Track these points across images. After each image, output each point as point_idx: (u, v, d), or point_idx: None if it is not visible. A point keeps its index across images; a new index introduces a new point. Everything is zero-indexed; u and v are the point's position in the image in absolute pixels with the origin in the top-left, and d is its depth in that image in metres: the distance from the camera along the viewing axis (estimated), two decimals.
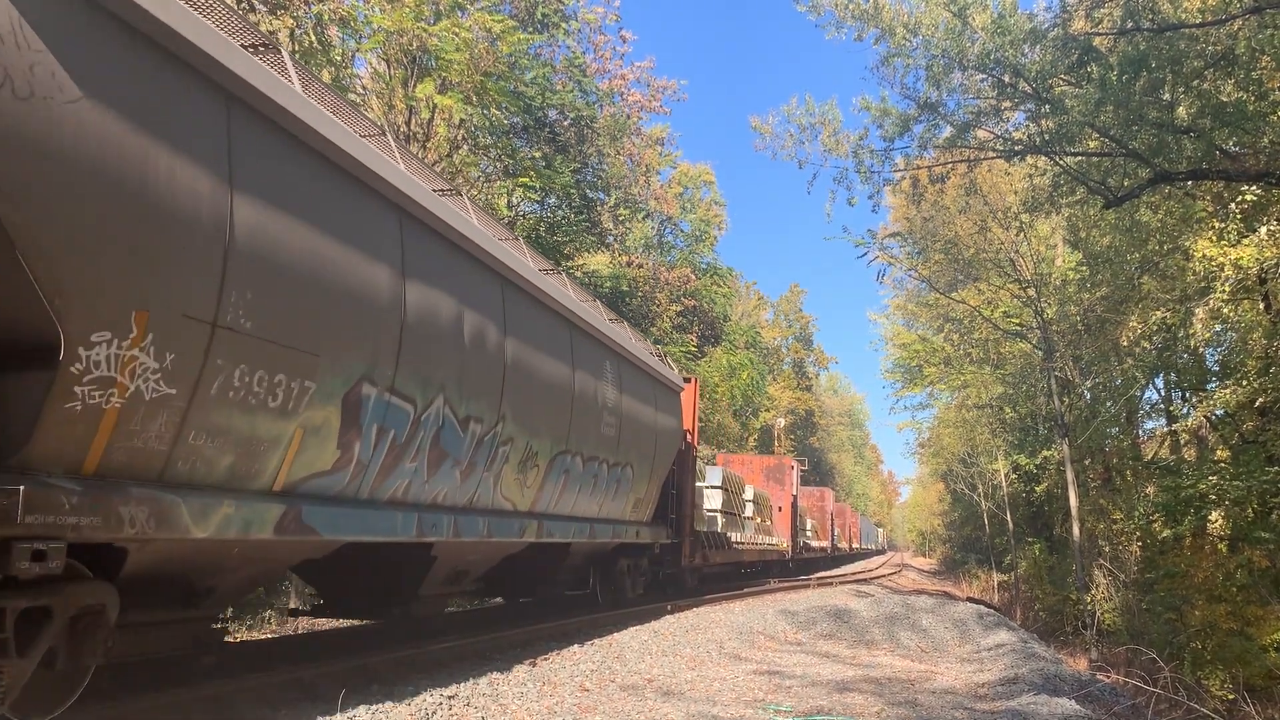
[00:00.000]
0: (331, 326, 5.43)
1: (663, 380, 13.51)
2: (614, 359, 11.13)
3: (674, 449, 13.97)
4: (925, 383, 31.34)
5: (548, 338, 8.94)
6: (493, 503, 8.11)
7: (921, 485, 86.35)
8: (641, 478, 12.39)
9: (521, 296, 8.37)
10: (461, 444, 7.26)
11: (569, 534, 9.91)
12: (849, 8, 13.56)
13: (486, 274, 7.66)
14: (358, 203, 5.85)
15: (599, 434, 10.38)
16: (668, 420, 13.49)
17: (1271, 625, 15.62)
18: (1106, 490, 25.09)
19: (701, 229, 40.01)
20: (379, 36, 15.97)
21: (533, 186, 20.00)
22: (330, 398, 5.50)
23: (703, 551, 16.82)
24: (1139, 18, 11.63)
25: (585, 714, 6.19)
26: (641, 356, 12.32)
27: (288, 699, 5.89)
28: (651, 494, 13.16)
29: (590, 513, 10.67)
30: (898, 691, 7.95)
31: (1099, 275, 20.16)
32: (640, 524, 12.81)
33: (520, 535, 8.62)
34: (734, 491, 22.37)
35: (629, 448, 11.55)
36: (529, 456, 8.60)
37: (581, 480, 10.10)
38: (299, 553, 6.20)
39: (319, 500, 5.64)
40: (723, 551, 18.97)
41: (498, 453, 7.91)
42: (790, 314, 76.79)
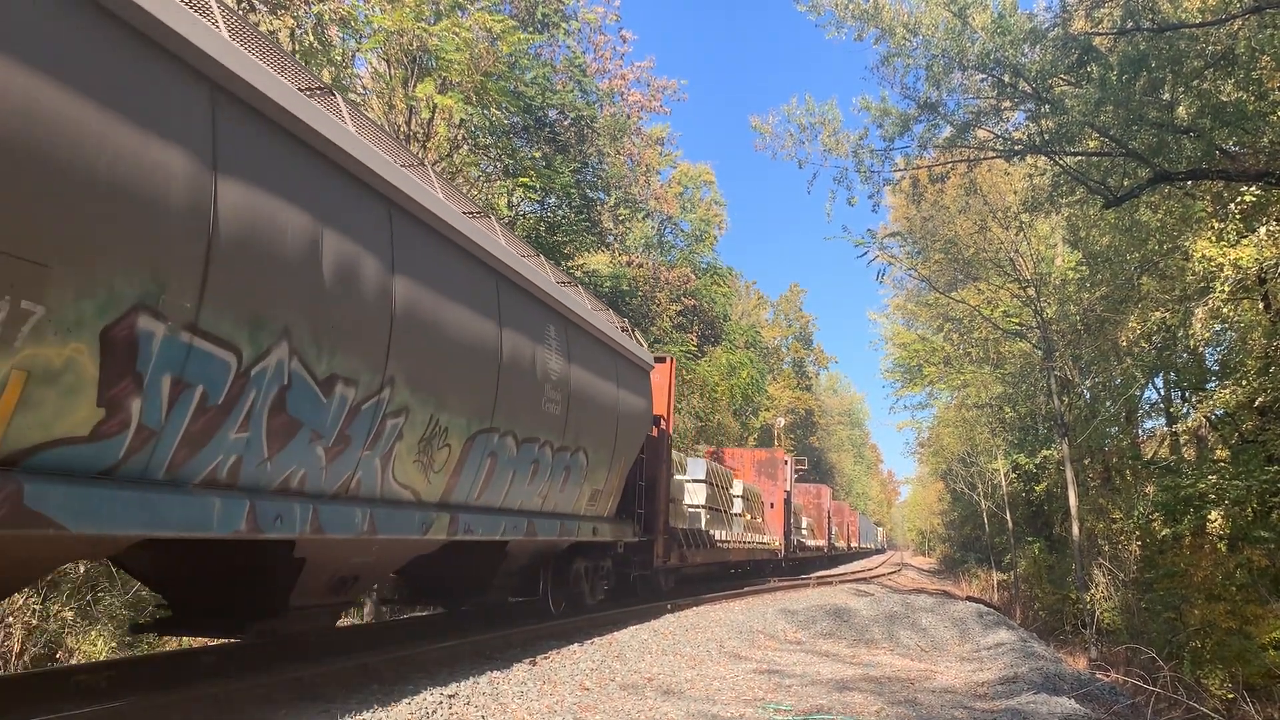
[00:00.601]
0: (75, 223, 3.80)
1: (628, 356, 11.93)
2: (560, 324, 9.49)
3: (642, 435, 12.51)
4: (925, 382, 31.33)
5: (464, 288, 7.27)
6: (382, 490, 6.45)
7: (921, 485, 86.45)
8: (599, 466, 10.77)
9: (419, 230, 6.65)
10: (323, 411, 5.55)
11: (498, 530, 8.30)
12: (849, 8, 13.57)
13: (363, 193, 6.00)
14: (132, 52, 4.17)
15: (539, 412, 8.79)
16: (634, 402, 11.89)
17: (1271, 624, 15.63)
18: (1106, 490, 25.11)
19: (701, 229, 40.02)
20: (379, 36, 15.98)
21: (533, 186, 20.00)
22: (76, 330, 3.88)
23: (680, 551, 15.54)
24: (1139, 18, 11.64)
25: (585, 713, 6.19)
26: (599, 326, 10.70)
27: (288, 699, 5.89)
28: (613, 485, 11.59)
29: (531, 506, 9.10)
30: (897, 690, 7.96)
31: (1099, 275, 20.17)
32: (600, 520, 11.23)
33: (424, 532, 6.95)
34: (720, 486, 20.87)
35: (582, 430, 9.93)
36: (436, 434, 6.94)
37: (516, 466, 8.47)
38: (39, 551, 4.47)
39: (62, 478, 3.98)
40: (705, 550, 17.72)
41: (385, 426, 6.23)
42: (790, 314, 76.79)
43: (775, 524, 28.37)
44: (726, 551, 19.93)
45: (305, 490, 5.63)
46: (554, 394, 9.13)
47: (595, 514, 11.13)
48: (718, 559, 19.30)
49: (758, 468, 29.74)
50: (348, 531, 5.97)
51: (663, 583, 15.94)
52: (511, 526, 8.56)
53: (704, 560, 17.84)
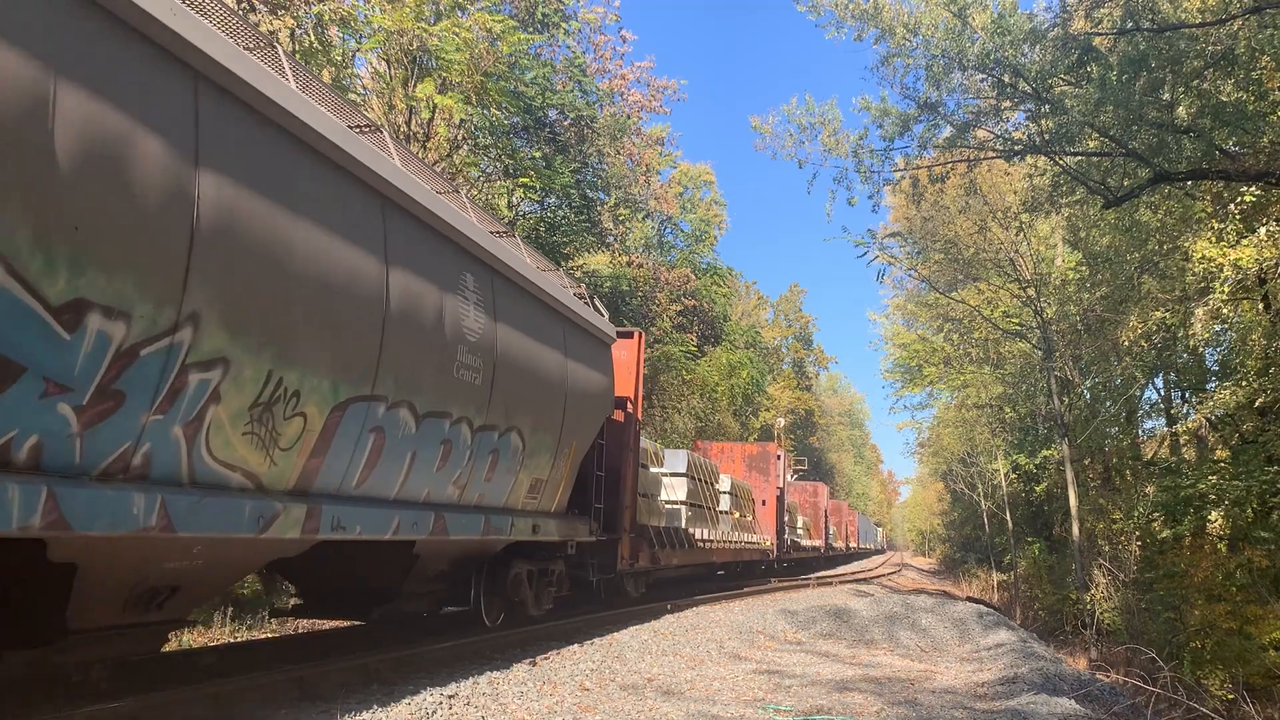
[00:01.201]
0: None
1: (581, 324, 10.14)
2: (484, 274, 7.68)
3: (600, 417, 10.75)
4: (925, 382, 31.33)
5: (328, 206, 5.54)
6: (189, 471, 4.74)
7: (921, 485, 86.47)
8: (541, 451, 9.02)
9: (250, 120, 4.95)
10: (63, 352, 3.90)
11: (388, 528, 6.38)
12: (849, 8, 13.57)
13: (128, 35, 4.20)
14: None
15: (451, 379, 7.00)
16: (589, 378, 10.15)
17: (1271, 625, 15.62)
18: (1106, 490, 25.10)
19: (701, 229, 40.05)
20: (379, 36, 15.98)
21: (533, 186, 20.01)
22: None
23: (651, 551, 13.98)
24: (1139, 18, 11.64)
25: (585, 713, 6.19)
26: (542, 284, 9.00)
27: (288, 699, 5.89)
28: (562, 475, 9.79)
29: (442, 497, 7.34)
30: (897, 691, 7.95)
31: (1099, 275, 20.17)
32: (544, 515, 9.50)
33: (263, 528, 5.16)
34: (705, 481, 19.13)
35: (515, 406, 8.22)
36: (279, 398, 5.22)
37: (416, 447, 6.70)
38: None
39: None
40: (684, 551, 16.15)
41: (186, 382, 4.55)
42: (790, 314, 76.81)
43: (767, 523, 26.82)
44: (709, 552, 18.37)
45: (42, 466, 3.94)
46: (472, 359, 7.30)
47: (538, 508, 9.37)
48: (698, 560, 17.60)
49: (748, 463, 28.03)
50: (124, 526, 4.24)
51: (631, 588, 14.27)
52: (411, 523, 6.70)
53: (682, 561, 16.20)
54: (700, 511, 18.38)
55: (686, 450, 18.05)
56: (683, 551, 16.07)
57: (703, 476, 18.98)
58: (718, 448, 28.51)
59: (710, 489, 19.82)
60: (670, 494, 16.83)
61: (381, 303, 6.02)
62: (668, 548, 15.02)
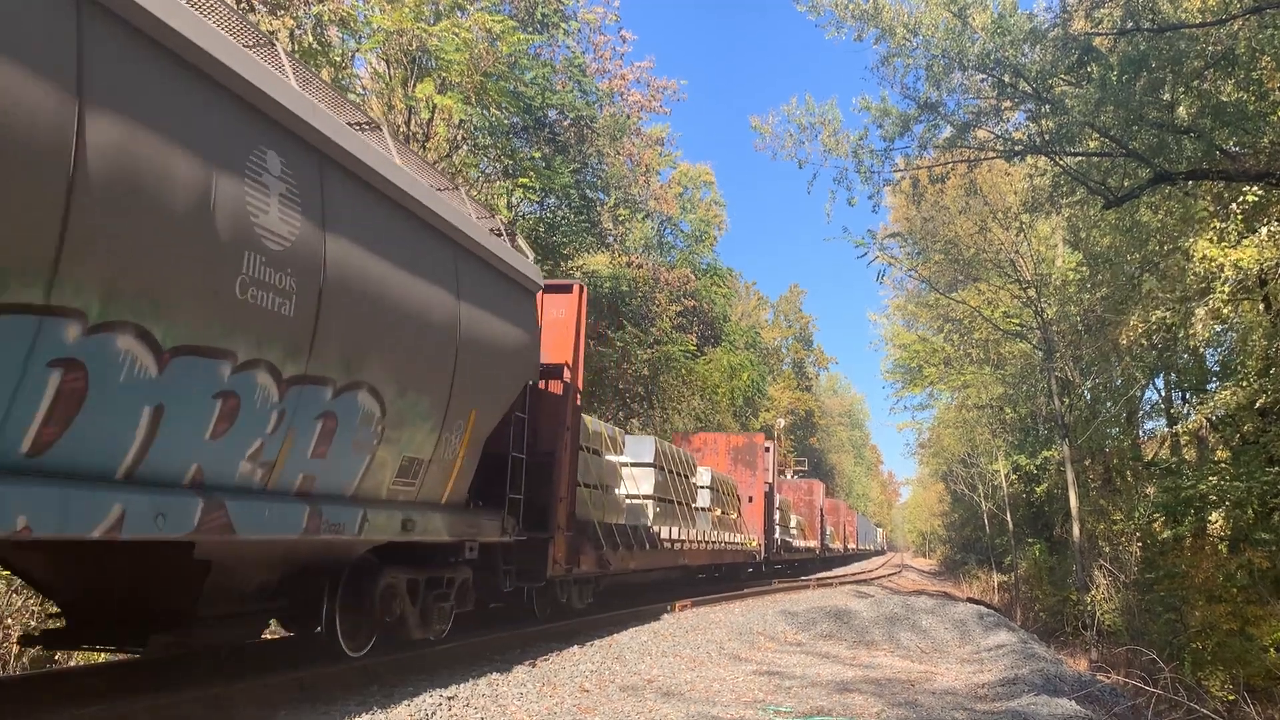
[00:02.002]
0: None
1: (485, 257, 7.82)
2: (302, 157, 5.41)
3: (516, 382, 8.56)
4: (925, 383, 31.35)
5: None
6: None
7: (921, 486, 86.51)
8: (416, 421, 6.75)
9: None
10: None
11: (95, 521, 4.12)
12: (849, 8, 13.56)
13: None
14: None
15: (231, 300, 4.77)
16: (499, 330, 7.91)
17: (1271, 625, 15.62)
18: (1107, 491, 25.11)
19: (701, 229, 40.06)
20: (379, 36, 15.98)
21: (532, 187, 20.00)
22: None
23: (599, 553, 11.66)
24: (1139, 18, 11.64)
25: (585, 714, 6.18)
26: (416, 193, 6.63)
27: (288, 699, 5.88)
28: (454, 454, 7.46)
29: (228, 477, 5.09)
30: (898, 692, 7.94)
31: (1099, 275, 20.17)
32: (423, 508, 7.19)
33: None
34: (678, 473, 16.85)
35: (364, 355, 5.98)
36: None
37: (162, 398, 4.47)
38: None
39: None
40: (646, 552, 13.83)
41: None
42: (790, 314, 76.83)
43: (754, 521, 24.52)
44: (679, 553, 15.87)
45: None
46: (275, 276, 5.07)
47: (416, 498, 7.11)
48: (665, 563, 15.23)
49: (734, 455, 25.42)
50: None
51: (574, 598, 11.66)
52: (154, 515, 4.45)
53: (644, 565, 13.93)
54: (671, 508, 16.14)
55: (654, 437, 15.60)
56: (645, 553, 13.81)
57: (675, 468, 16.78)
58: (700, 439, 26.06)
59: (685, 482, 17.57)
60: (633, 486, 14.58)
61: (69, 151, 3.76)
62: (623, 548, 12.69)
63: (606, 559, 11.91)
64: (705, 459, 23.99)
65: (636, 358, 27.63)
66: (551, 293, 10.50)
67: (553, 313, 10.42)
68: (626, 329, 26.93)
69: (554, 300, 10.54)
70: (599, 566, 11.71)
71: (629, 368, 28.04)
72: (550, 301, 10.40)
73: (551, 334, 10.29)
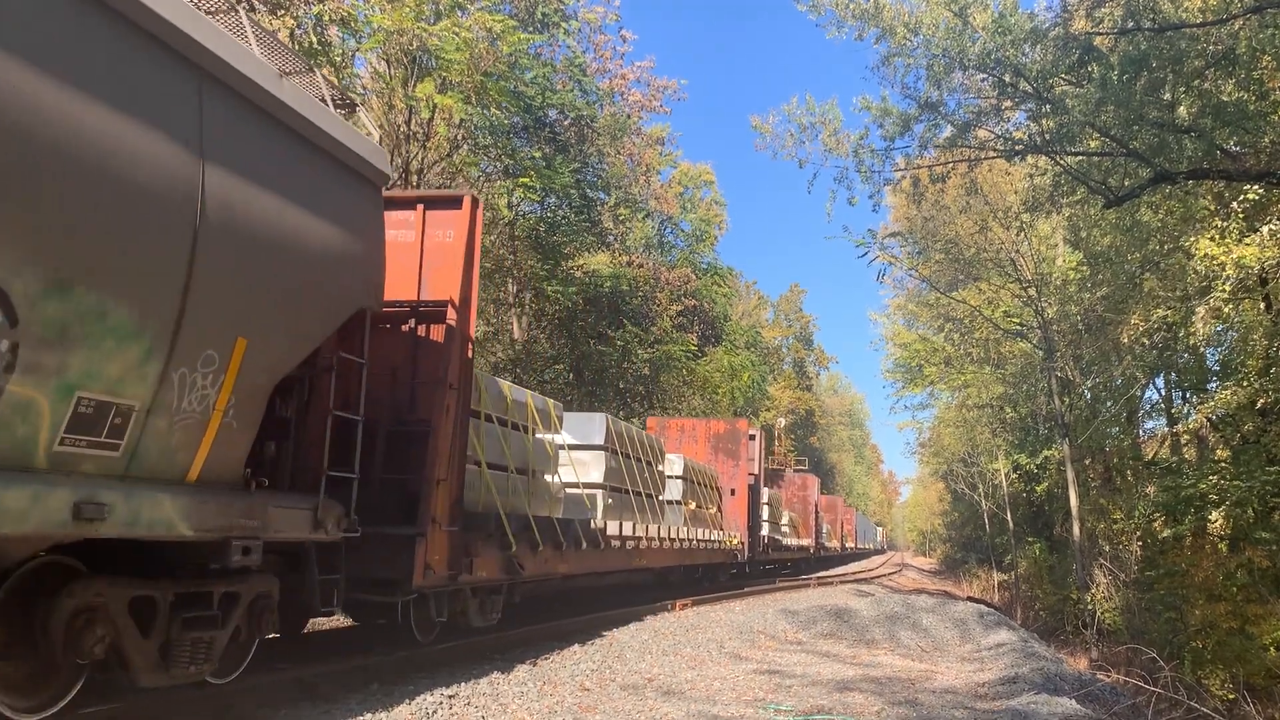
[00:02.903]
0: None
1: (287, 121, 5.53)
2: None
3: (338, 307, 6.08)
4: (925, 382, 31.31)
5: None
6: None
7: (921, 485, 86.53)
8: (108, 337, 4.30)
9: None
10: None
11: None
12: (849, 7, 13.56)
13: None
14: None
15: None
16: (300, 224, 5.52)
17: (1272, 624, 15.62)
18: (1107, 490, 25.10)
19: (702, 229, 40.05)
20: (379, 36, 15.98)
21: (533, 186, 20.01)
22: None
23: (505, 555, 8.79)
24: (1139, 17, 11.63)
25: (585, 713, 6.19)
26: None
27: (288, 699, 5.89)
28: (204, 404, 4.98)
29: None
30: (898, 691, 7.94)
31: (1099, 275, 20.17)
32: (152, 485, 4.74)
33: None
34: (639, 459, 14.24)
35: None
36: None
37: None
38: None
39: None
40: (585, 552, 10.99)
41: None
42: (790, 314, 76.83)
43: (736, 516, 22.15)
44: (636, 553, 13.22)
45: None
46: None
47: (123, 469, 4.58)
48: (613, 564, 12.53)
49: (714, 443, 22.78)
50: None
51: (472, 613, 8.58)
52: None
53: (580, 568, 11.07)
54: (626, 499, 13.34)
55: (606, 415, 13.10)
56: (585, 554, 10.97)
57: (636, 453, 14.10)
58: (676, 425, 23.52)
59: (649, 470, 14.83)
60: (579, 473, 11.98)
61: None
62: (549, 548, 9.81)
63: (518, 562, 8.92)
64: (683, 447, 21.79)
65: (637, 357, 27.64)
66: (435, 208, 7.99)
67: (436, 234, 7.91)
68: (627, 328, 26.94)
69: (437, 219, 7.94)
70: (505, 572, 8.77)
71: (629, 367, 28.06)
72: (433, 220, 7.94)
73: (436, 260, 7.83)
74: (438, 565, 7.38)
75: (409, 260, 7.85)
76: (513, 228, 23.26)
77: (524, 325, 26.00)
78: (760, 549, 24.59)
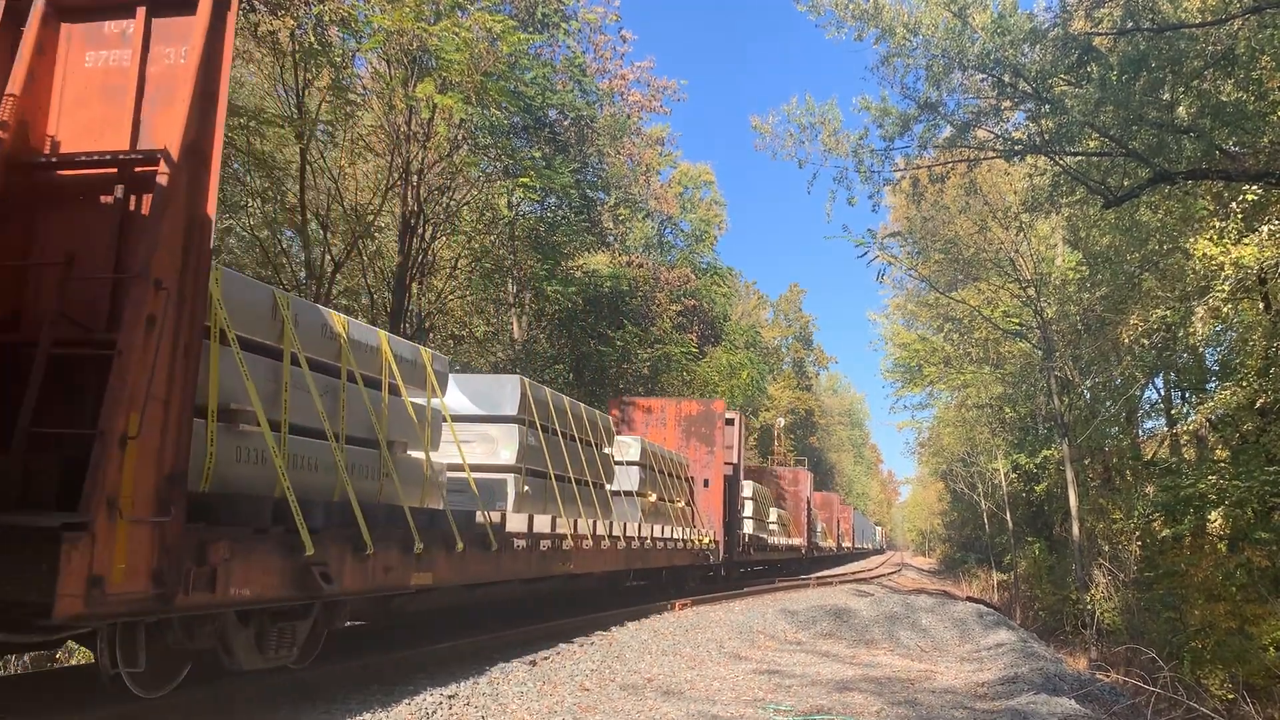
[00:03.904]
0: None
1: None
2: None
3: None
4: (925, 382, 31.33)
5: None
6: None
7: (921, 485, 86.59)
8: None
9: None
10: None
11: None
12: (849, 8, 13.57)
13: None
14: None
15: None
16: None
17: (1271, 624, 15.63)
18: (1106, 490, 25.13)
19: (701, 229, 40.08)
20: (379, 36, 15.98)
21: (533, 186, 20.01)
22: None
23: (296, 565, 5.52)
24: (1139, 18, 11.64)
25: (585, 713, 6.19)
26: None
27: (288, 699, 5.89)
28: None
29: None
30: (898, 691, 7.95)
31: (1099, 275, 20.19)
32: None
33: None
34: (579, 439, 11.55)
35: None
36: None
37: None
38: None
39: None
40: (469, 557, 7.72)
41: None
42: (790, 314, 76.86)
43: (710, 511, 19.36)
44: (558, 555, 9.85)
45: None
46: None
47: None
48: (515, 572, 8.93)
49: (685, 427, 19.90)
50: None
51: (248, 651, 5.57)
52: None
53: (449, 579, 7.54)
54: (553, 487, 10.26)
55: (521, 377, 10.00)
56: (462, 557, 7.57)
57: (570, 430, 11.20)
58: (642, 405, 20.53)
59: (593, 453, 12.11)
60: (480, 453, 9.29)
61: None
62: (391, 551, 6.67)
63: (322, 572, 5.75)
64: (649, 431, 19.06)
65: (637, 357, 27.66)
66: (164, 13, 5.06)
67: (163, 55, 5.03)
68: (627, 328, 26.95)
69: (167, 31, 5.06)
70: (298, 587, 5.59)
71: (629, 367, 28.08)
72: (160, 34, 5.06)
73: (159, 94, 4.96)
74: (121, 579, 4.28)
75: (122, 94, 5.02)
76: (513, 228, 23.27)
77: (524, 325, 26.01)
78: (740, 548, 21.60)
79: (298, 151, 17.03)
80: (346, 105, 16.47)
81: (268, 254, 17.90)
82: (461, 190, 20.79)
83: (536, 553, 9.43)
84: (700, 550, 17.05)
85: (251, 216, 18.11)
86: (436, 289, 22.66)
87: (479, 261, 23.17)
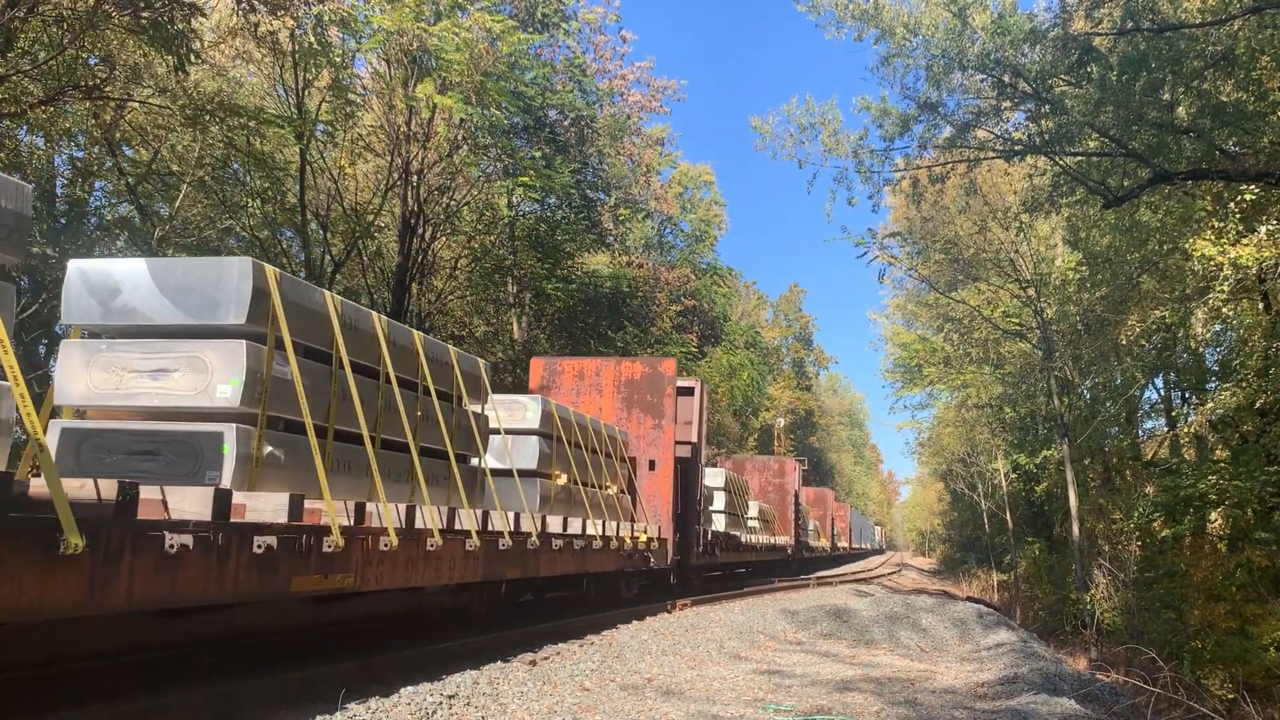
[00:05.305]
0: None
1: None
2: None
3: None
4: (925, 382, 31.34)
5: None
6: None
7: (921, 485, 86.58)
8: None
9: None
10: None
11: None
12: (849, 8, 13.57)
13: None
14: None
15: None
16: None
17: (1271, 624, 15.63)
18: (1106, 490, 25.13)
19: (701, 229, 40.09)
20: (379, 37, 15.99)
21: (533, 186, 20.02)
22: None
23: None
24: (1139, 18, 11.64)
25: (585, 713, 6.19)
26: None
27: (288, 699, 5.89)
28: None
29: None
30: (898, 691, 7.95)
31: (1099, 275, 20.19)
32: None
33: None
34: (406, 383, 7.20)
35: None
36: None
37: None
38: None
39: None
40: None
41: None
42: (790, 314, 76.86)
43: (657, 499, 15.29)
44: (340, 563, 5.74)
45: None
46: None
47: None
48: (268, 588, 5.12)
49: (624, 394, 15.47)
50: None
51: None
52: None
53: None
54: (307, 446, 5.74)
55: (250, 258, 5.49)
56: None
57: (379, 364, 6.82)
58: (573, 367, 15.79)
59: (434, 408, 7.64)
60: (182, 387, 5.46)
61: None
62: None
63: None
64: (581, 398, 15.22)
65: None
66: None
67: None
68: (627, 328, 26.96)
69: None
70: None
71: None
72: None
73: None
74: None
75: None
76: (513, 227, 23.27)
77: (524, 325, 26.02)
78: (701, 548, 17.17)
79: (298, 151, 17.03)
80: (346, 105, 16.47)
81: (268, 254, 17.90)
82: (461, 190, 20.80)
83: (220, 565, 4.77)
84: (637, 551, 13.18)
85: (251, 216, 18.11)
86: (436, 289, 22.67)
87: (479, 261, 23.19)
